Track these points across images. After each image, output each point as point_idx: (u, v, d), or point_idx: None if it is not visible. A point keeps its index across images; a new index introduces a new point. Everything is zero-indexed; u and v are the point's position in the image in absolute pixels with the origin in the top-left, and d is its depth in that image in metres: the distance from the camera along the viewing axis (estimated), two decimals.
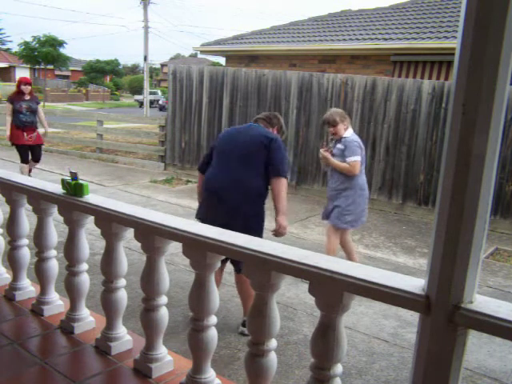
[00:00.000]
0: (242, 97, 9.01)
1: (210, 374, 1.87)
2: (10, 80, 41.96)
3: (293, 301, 4.12)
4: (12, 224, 2.55)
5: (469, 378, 3.14)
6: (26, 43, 36.70)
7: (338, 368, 1.49)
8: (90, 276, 2.42)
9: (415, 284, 1.26)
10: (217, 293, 1.82)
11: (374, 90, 7.77)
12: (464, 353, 1.21)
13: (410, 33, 10.67)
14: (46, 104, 28.91)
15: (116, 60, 51.00)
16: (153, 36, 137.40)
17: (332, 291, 1.41)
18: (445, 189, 1.11)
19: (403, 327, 3.79)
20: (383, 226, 6.84)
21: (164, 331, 2.02)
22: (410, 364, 1.29)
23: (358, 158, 4.35)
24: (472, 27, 1.00)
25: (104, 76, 50.71)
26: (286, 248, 1.56)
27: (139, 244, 1.93)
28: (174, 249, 2.56)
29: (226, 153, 3.39)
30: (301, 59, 11.73)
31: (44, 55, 36.13)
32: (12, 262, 2.61)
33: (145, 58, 25.68)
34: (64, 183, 2.19)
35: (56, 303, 2.52)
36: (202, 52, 14.64)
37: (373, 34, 11.15)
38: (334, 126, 4.40)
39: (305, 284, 4.21)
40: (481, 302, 1.16)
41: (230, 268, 3.73)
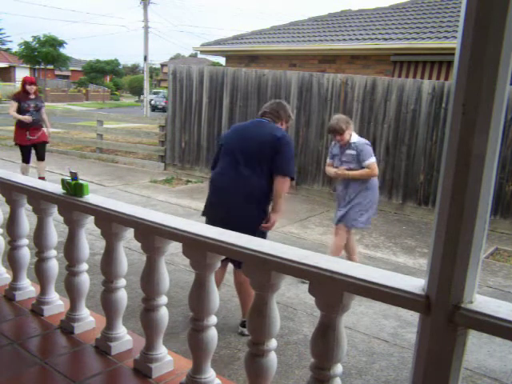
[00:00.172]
0: (242, 97, 9.01)
1: (210, 374, 1.87)
2: (10, 80, 41.98)
3: (293, 301, 4.12)
4: (12, 224, 2.55)
5: (469, 378, 3.14)
6: (26, 43, 36.74)
7: (338, 368, 1.50)
8: (90, 276, 2.42)
9: (415, 284, 1.26)
10: (217, 293, 1.82)
11: (374, 90, 7.77)
12: (464, 353, 1.21)
13: (410, 33, 10.67)
14: (46, 104, 28.89)
15: (116, 60, 51.02)
16: (153, 36, 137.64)
17: (332, 291, 1.41)
18: (445, 189, 1.11)
19: (403, 327, 3.79)
20: (383, 226, 6.84)
21: (164, 331, 2.02)
22: (410, 364, 1.29)
23: (374, 159, 4.41)
24: (472, 27, 1.00)
25: (104, 76, 50.72)
26: (286, 248, 1.56)
27: (139, 244, 1.93)
28: (174, 249, 2.56)
29: (232, 152, 3.39)
30: (301, 59, 11.73)
31: (44, 55, 36.18)
32: (12, 262, 2.61)
33: (145, 58, 25.68)
34: (64, 183, 2.19)
35: (56, 303, 2.52)
36: (202, 52, 14.64)
37: (373, 34, 11.15)
38: (341, 134, 4.41)
39: (305, 284, 4.22)
40: (481, 302, 1.16)
41: (230, 268, 3.73)
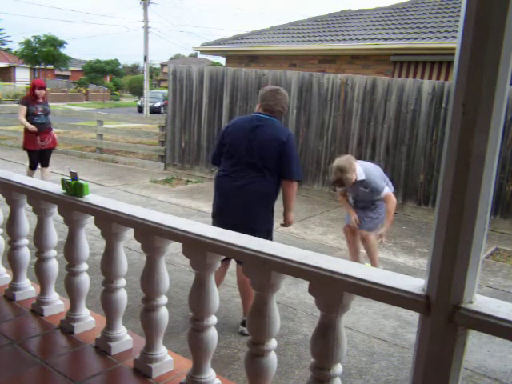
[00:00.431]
0: (242, 97, 9.01)
1: (210, 374, 1.87)
2: (10, 80, 42.00)
3: (293, 301, 4.12)
4: (12, 224, 2.55)
5: (469, 378, 3.14)
6: (28, 42, 36.78)
7: (338, 368, 1.50)
8: (90, 276, 2.42)
9: (415, 284, 1.26)
10: (217, 293, 1.82)
11: (374, 90, 7.77)
12: (464, 353, 1.21)
13: (410, 33, 10.67)
14: None
15: (116, 60, 51.01)
16: (153, 36, 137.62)
17: (332, 291, 1.41)
18: (445, 189, 1.11)
19: (403, 327, 3.79)
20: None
21: (164, 331, 2.02)
22: (410, 364, 1.29)
23: (387, 189, 4.50)
24: (472, 27, 1.00)
25: (104, 76, 50.71)
26: (286, 248, 1.56)
27: (139, 244, 1.93)
28: (174, 249, 2.56)
29: (237, 154, 3.39)
30: (301, 59, 11.73)
31: (44, 55, 36.17)
32: (12, 262, 2.61)
33: (145, 58, 25.68)
34: (64, 183, 2.19)
35: (56, 303, 2.52)
36: (202, 52, 14.65)
37: (373, 34, 11.15)
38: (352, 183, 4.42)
39: (305, 284, 4.22)
40: (481, 302, 1.16)
41: (231, 268, 3.73)
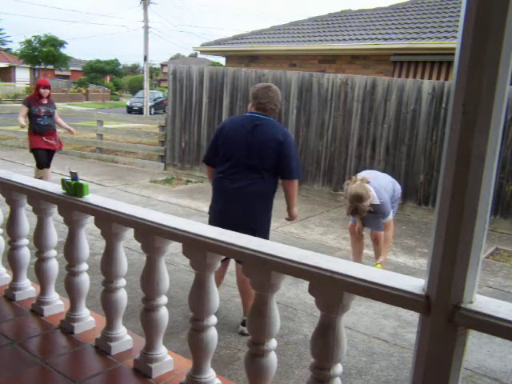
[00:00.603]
0: (242, 97, 9.01)
1: (210, 374, 1.87)
2: (10, 80, 42.00)
3: (293, 301, 4.11)
4: (12, 224, 2.55)
5: (469, 378, 3.14)
6: (28, 41, 36.82)
7: (338, 368, 1.49)
8: (90, 276, 2.42)
9: (415, 284, 1.26)
10: (217, 293, 1.82)
11: (374, 90, 7.77)
12: (464, 353, 1.21)
13: (410, 33, 10.67)
14: None
15: (116, 60, 51.05)
16: (153, 36, 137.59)
17: (332, 291, 1.41)
18: (445, 189, 1.11)
19: (403, 327, 3.79)
20: None
21: (164, 331, 2.02)
22: (410, 364, 1.29)
23: (391, 215, 4.60)
24: (472, 27, 1.00)
25: (104, 76, 50.72)
26: (286, 248, 1.56)
27: (139, 244, 1.93)
28: (174, 249, 2.56)
29: (234, 156, 3.37)
30: (301, 59, 11.73)
31: (44, 55, 36.19)
32: (12, 262, 2.61)
33: (145, 58, 25.68)
34: (64, 183, 2.19)
35: (56, 303, 2.52)
36: (202, 52, 14.65)
37: (373, 34, 11.16)
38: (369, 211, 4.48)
39: (305, 284, 4.22)
40: (481, 302, 1.16)
41: (231, 268, 3.73)
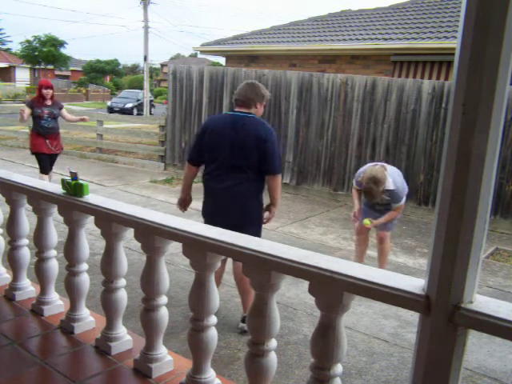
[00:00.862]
0: None
1: (210, 374, 1.87)
2: (10, 80, 41.99)
3: (293, 301, 4.11)
4: (12, 224, 2.55)
5: (469, 378, 3.14)
6: (28, 41, 36.84)
7: (338, 368, 1.49)
8: (90, 276, 2.42)
9: (415, 284, 1.26)
10: (217, 293, 1.82)
11: (374, 90, 7.77)
12: (464, 353, 1.21)
13: (410, 33, 10.67)
14: None
15: (116, 60, 51.04)
16: (153, 36, 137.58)
17: (332, 291, 1.41)
18: (445, 189, 1.11)
19: (403, 327, 3.79)
20: None
21: (164, 331, 2.02)
22: (410, 364, 1.29)
23: (404, 200, 4.53)
24: (472, 27, 1.00)
25: (104, 76, 50.70)
26: (286, 248, 1.56)
27: (139, 244, 1.93)
28: (174, 249, 2.56)
29: (219, 156, 3.36)
30: (301, 59, 11.73)
31: (45, 55, 36.21)
32: (12, 262, 2.61)
33: (145, 58, 25.68)
34: (64, 183, 2.19)
35: (56, 303, 2.52)
36: (202, 52, 14.65)
37: (373, 34, 11.15)
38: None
39: (305, 284, 4.22)
40: (481, 302, 1.16)
41: (230, 268, 3.73)
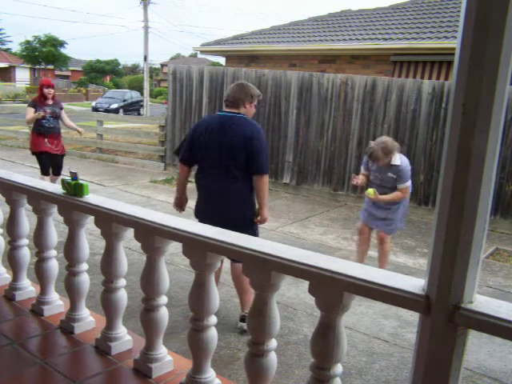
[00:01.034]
0: None
1: (210, 374, 1.87)
2: (10, 80, 41.99)
3: (293, 301, 4.11)
4: (12, 224, 2.55)
5: (469, 378, 3.14)
6: (28, 42, 36.86)
7: (338, 368, 1.49)
8: (90, 276, 2.42)
9: (415, 284, 1.26)
10: (217, 293, 1.82)
11: (374, 90, 7.77)
12: (464, 353, 1.21)
13: (410, 33, 10.67)
14: None
15: (116, 60, 51.03)
16: (153, 36, 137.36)
17: (332, 291, 1.41)
18: (445, 189, 1.11)
19: (403, 327, 3.79)
20: None
21: (164, 331, 2.02)
22: (410, 364, 1.29)
23: (409, 183, 4.40)
24: (472, 27, 1.00)
25: (104, 76, 50.70)
26: (286, 248, 1.56)
27: (139, 244, 1.93)
28: (174, 249, 2.56)
29: (210, 157, 3.40)
30: (301, 59, 11.73)
31: (45, 55, 36.23)
32: (12, 262, 2.61)
33: (145, 58, 25.67)
34: (64, 183, 2.19)
35: (56, 303, 2.52)
36: (202, 52, 14.65)
37: (373, 34, 11.15)
38: (381, 160, 4.23)
39: (305, 284, 4.23)
40: (481, 302, 1.16)
41: (229, 268, 3.73)
